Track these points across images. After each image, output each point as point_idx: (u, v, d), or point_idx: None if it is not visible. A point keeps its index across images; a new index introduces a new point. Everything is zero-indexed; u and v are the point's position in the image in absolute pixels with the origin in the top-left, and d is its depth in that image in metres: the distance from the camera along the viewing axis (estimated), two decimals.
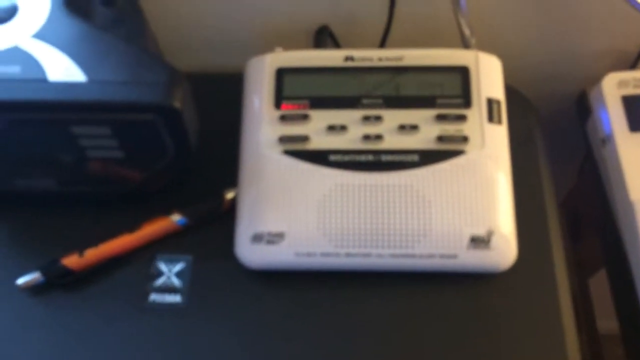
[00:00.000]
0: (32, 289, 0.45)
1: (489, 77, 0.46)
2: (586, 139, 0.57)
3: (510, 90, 0.48)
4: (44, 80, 0.38)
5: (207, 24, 0.55)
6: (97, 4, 0.44)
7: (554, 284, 0.45)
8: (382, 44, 0.54)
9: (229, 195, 0.47)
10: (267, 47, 0.48)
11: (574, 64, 0.59)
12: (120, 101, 0.38)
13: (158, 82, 0.39)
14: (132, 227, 0.46)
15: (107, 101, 0.38)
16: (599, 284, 0.73)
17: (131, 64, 0.40)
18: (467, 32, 0.49)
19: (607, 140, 0.51)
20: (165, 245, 0.47)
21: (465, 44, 0.49)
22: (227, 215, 0.46)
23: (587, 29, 0.56)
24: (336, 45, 0.54)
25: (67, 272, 0.45)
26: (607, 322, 0.72)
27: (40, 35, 0.40)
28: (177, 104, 0.39)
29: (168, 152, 0.43)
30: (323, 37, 0.53)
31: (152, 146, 0.42)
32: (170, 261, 0.46)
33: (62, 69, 0.39)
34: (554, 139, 0.58)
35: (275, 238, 0.43)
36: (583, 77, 0.60)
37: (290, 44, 0.49)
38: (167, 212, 0.47)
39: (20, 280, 0.45)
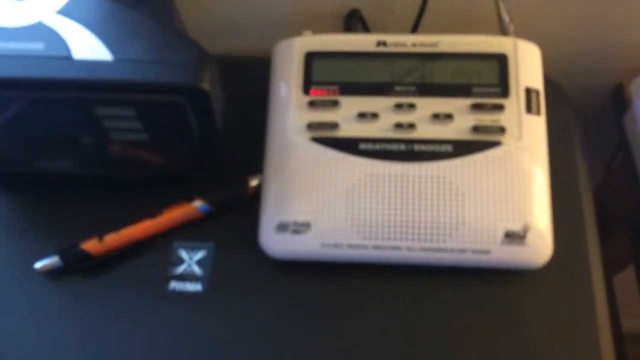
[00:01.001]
0: (50, 274, 0.44)
1: (528, 65, 0.45)
2: (622, 132, 0.55)
3: (545, 81, 0.46)
4: (68, 58, 0.37)
5: (234, 5, 0.53)
6: None
7: (589, 282, 0.43)
8: (415, 29, 0.52)
9: (254, 182, 0.46)
10: (295, 31, 0.47)
11: (611, 56, 0.57)
12: (147, 81, 0.37)
13: (186, 63, 0.37)
14: (153, 213, 0.45)
15: (133, 81, 0.37)
16: (622, 283, 0.72)
17: (159, 43, 0.38)
18: (506, 18, 0.47)
19: None
20: (186, 232, 0.45)
21: (503, 31, 0.47)
22: (251, 203, 0.45)
23: (626, 19, 0.53)
24: (366, 30, 0.52)
25: (86, 256, 0.44)
26: (630, 322, 0.70)
27: (66, 11, 0.39)
28: (205, 86, 0.37)
29: (193, 135, 0.41)
30: (353, 21, 0.51)
31: (178, 129, 0.41)
32: (192, 249, 0.45)
33: (87, 46, 0.38)
34: (585, 133, 0.56)
35: (301, 228, 0.42)
36: (619, 70, 0.58)
37: (319, 28, 0.47)
38: (189, 198, 0.45)
39: (38, 264, 0.44)
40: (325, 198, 0.42)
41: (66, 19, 0.38)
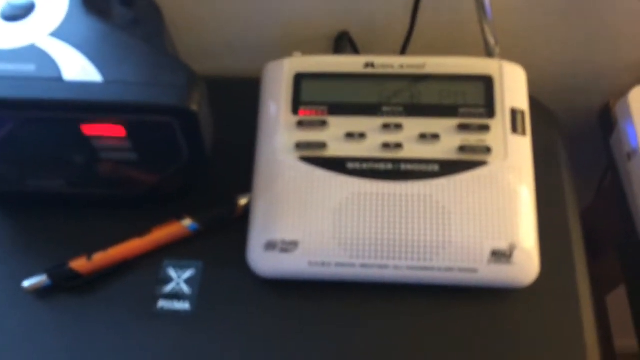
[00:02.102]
0: (39, 292, 0.44)
1: (513, 87, 0.45)
2: (609, 153, 0.56)
3: (531, 101, 0.46)
4: (59, 79, 0.38)
5: (225, 27, 0.54)
6: (115, 3, 0.43)
7: (577, 301, 0.43)
8: (403, 51, 0.53)
9: (242, 201, 0.46)
10: (285, 52, 0.48)
11: (598, 77, 0.58)
12: (136, 102, 0.37)
13: (175, 84, 0.38)
14: (141, 232, 0.45)
15: (123, 102, 0.37)
16: (614, 303, 0.72)
17: (148, 65, 0.39)
18: (491, 40, 0.48)
19: (633, 154, 0.49)
20: (175, 250, 0.46)
21: (489, 53, 0.48)
22: (240, 222, 0.45)
23: (613, 41, 0.54)
24: (356, 51, 0.53)
25: (75, 275, 0.44)
26: (623, 341, 0.70)
27: (57, 33, 0.40)
28: (194, 107, 0.38)
29: (183, 155, 0.42)
30: (343, 43, 0.52)
31: (167, 149, 0.41)
32: (180, 267, 0.45)
33: (78, 68, 0.38)
34: (573, 153, 0.56)
35: (289, 246, 0.42)
36: (606, 91, 0.59)
37: (309, 50, 0.48)
38: (178, 216, 0.45)
39: (27, 283, 0.44)
40: (313, 217, 0.42)
41: (58, 41, 0.39)
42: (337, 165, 0.43)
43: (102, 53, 0.39)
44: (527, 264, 0.41)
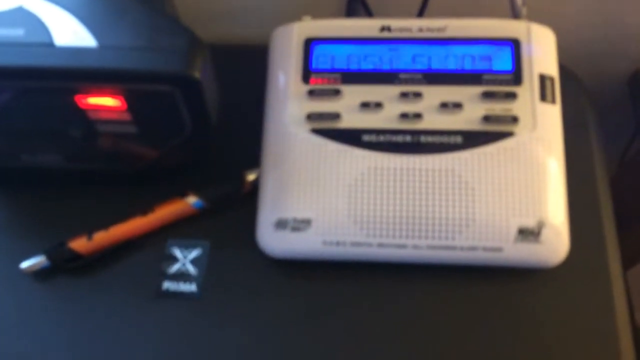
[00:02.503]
0: (37, 274, 0.42)
1: (542, 51, 0.42)
2: (639, 122, 0.52)
3: (559, 68, 0.43)
4: (50, 45, 0.35)
5: None
6: None
7: (608, 280, 0.41)
8: (421, 13, 0.49)
9: (251, 176, 0.43)
10: (294, 16, 0.44)
11: (628, 40, 0.54)
12: (134, 70, 0.34)
13: (176, 49, 0.35)
14: (144, 210, 0.42)
15: (120, 69, 0.34)
16: (634, 275, 0.69)
17: (147, 29, 0.35)
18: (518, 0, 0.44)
19: None
20: (180, 229, 0.43)
21: (516, 14, 0.44)
22: (248, 199, 0.42)
23: None
24: (369, 14, 0.50)
25: (75, 256, 0.41)
26: None
27: None
28: (196, 74, 0.35)
29: (185, 127, 0.39)
30: (355, 5, 0.49)
31: (168, 120, 0.38)
32: (186, 247, 0.43)
33: (70, 32, 0.35)
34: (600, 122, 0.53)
35: (301, 225, 0.39)
36: (637, 56, 0.55)
37: (319, 13, 0.44)
38: (182, 193, 0.43)
39: (25, 264, 0.41)
40: (326, 193, 0.39)
41: (48, 2, 0.36)
42: (352, 137, 0.40)
43: (96, 15, 0.36)
44: (556, 243, 0.39)
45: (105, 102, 0.37)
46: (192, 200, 0.43)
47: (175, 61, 0.34)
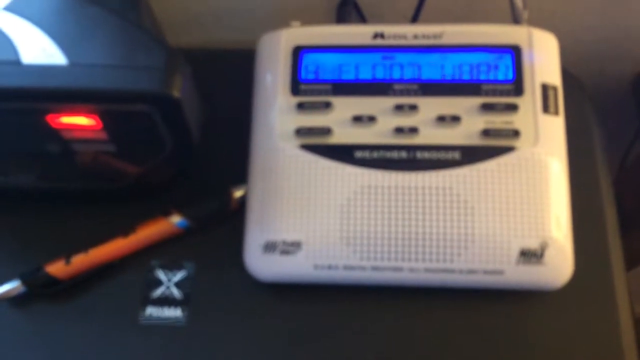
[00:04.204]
0: (12, 300, 0.40)
1: (544, 58, 0.40)
2: None
3: (562, 72, 0.41)
4: (16, 63, 0.32)
5: None
6: None
7: (614, 301, 0.39)
8: (416, 17, 0.47)
9: (238, 193, 0.41)
10: (282, 21, 0.42)
11: (632, 42, 0.52)
12: (108, 89, 0.32)
13: (153, 66, 0.32)
14: (126, 230, 0.40)
15: (92, 89, 0.32)
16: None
17: (121, 44, 0.33)
18: (519, 3, 0.41)
19: None
20: (164, 250, 0.41)
21: (516, 19, 0.42)
22: (236, 216, 0.40)
23: None
24: (362, 19, 0.47)
25: (52, 281, 0.39)
26: None
27: (13, 7, 0.34)
28: (175, 93, 0.32)
29: (166, 145, 0.36)
30: (347, 10, 0.46)
31: (147, 139, 0.36)
32: (170, 269, 0.40)
33: (38, 49, 0.33)
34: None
35: (290, 248, 0.37)
36: (638, 57, 0.53)
37: (309, 18, 0.42)
38: (166, 212, 0.40)
39: None
40: (317, 214, 0.37)
41: (13, 15, 0.33)
42: (344, 153, 0.38)
43: (66, 30, 0.33)
44: (560, 264, 0.37)
45: (79, 121, 0.34)
46: (176, 219, 0.41)
47: (152, 79, 0.32)
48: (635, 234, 0.63)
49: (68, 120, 0.34)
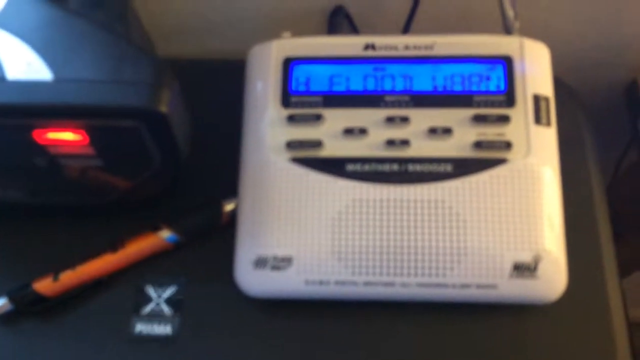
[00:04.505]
0: (0, 318, 0.39)
1: (536, 69, 0.39)
2: (637, 136, 0.50)
3: (554, 81, 0.40)
4: (0, 79, 0.32)
5: (205, 3, 0.47)
6: None
7: (608, 314, 0.39)
8: (408, 26, 0.46)
9: (229, 206, 0.41)
10: (274, 31, 0.41)
11: (624, 50, 0.52)
12: (95, 105, 0.31)
13: (141, 81, 0.32)
14: (114, 246, 0.40)
15: (78, 105, 0.31)
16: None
17: (108, 58, 0.32)
18: (510, 13, 0.41)
19: None
20: (153, 266, 0.40)
21: (508, 29, 0.41)
22: (227, 230, 0.40)
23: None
24: (354, 28, 0.47)
25: (40, 298, 0.38)
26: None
27: None
28: (163, 108, 0.32)
29: (154, 160, 0.36)
30: (338, 20, 0.46)
31: (135, 154, 0.35)
32: (160, 285, 0.40)
33: (23, 63, 0.32)
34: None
35: (281, 263, 0.37)
36: (633, 65, 0.52)
37: (300, 27, 0.42)
38: (155, 227, 0.40)
39: None
40: (308, 228, 0.37)
41: None
42: (335, 167, 0.38)
43: (52, 44, 0.33)
44: (553, 277, 0.36)
45: (65, 136, 0.34)
46: (165, 234, 0.40)
47: (139, 94, 0.31)
48: (628, 241, 0.63)
49: (54, 135, 0.34)
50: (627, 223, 0.62)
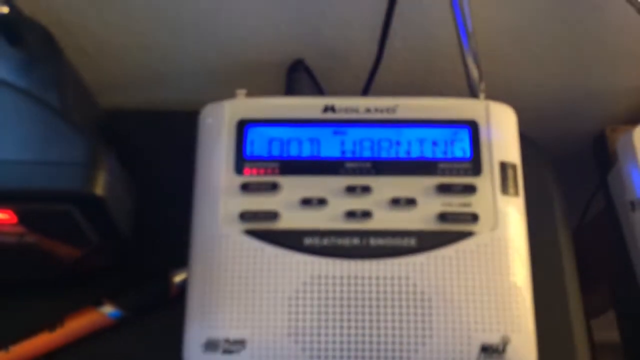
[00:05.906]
0: None
1: (503, 134, 0.37)
2: (606, 189, 0.49)
3: (520, 138, 0.39)
4: None
5: (155, 56, 0.44)
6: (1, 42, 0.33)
7: None
8: (370, 80, 0.44)
9: (178, 277, 0.38)
10: (228, 85, 0.39)
11: (592, 101, 0.51)
12: (23, 188, 0.28)
13: (74, 162, 0.29)
14: (53, 323, 0.36)
15: (5, 189, 0.28)
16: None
17: (40, 136, 0.29)
18: (475, 74, 0.39)
19: (639, 205, 0.42)
20: (95, 344, 0.37)
21: (472, 90, 0.39)
22: (177, 302, 0.37)
23: (610, 62, 0.47)
24: (315, 83, 0.44)
25: None
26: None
27: None
28: (98, 191, 0.29)
29: (91, 240, 0.33)
30: (297, 75, 0.43)
31: (70, 235, 0.32)
32: None
33: None
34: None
35: (234, 347, 0.34)
36: (601, 117, 0.51)
37: (257, 82, 0.39)
38: (97, 302, 0.37)
39: None
40: (263, 308, 0.34)
41: None
42: (292, 240, 0.35)
43: None
44: (523, 359, 0.34)
45: None
46: (108, 309, 0.37)
47: (72, 176, 0.29)
48: (595, 291, 0.62)
49: None
50: (592, 273, 0.61)
